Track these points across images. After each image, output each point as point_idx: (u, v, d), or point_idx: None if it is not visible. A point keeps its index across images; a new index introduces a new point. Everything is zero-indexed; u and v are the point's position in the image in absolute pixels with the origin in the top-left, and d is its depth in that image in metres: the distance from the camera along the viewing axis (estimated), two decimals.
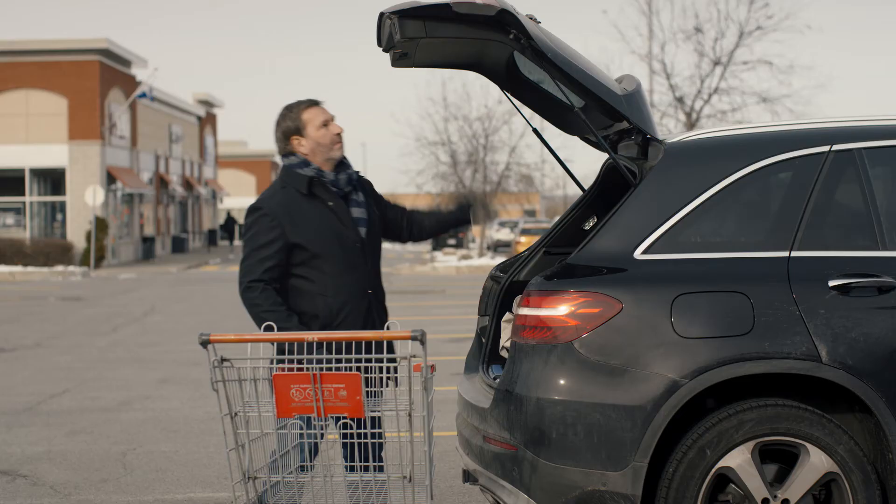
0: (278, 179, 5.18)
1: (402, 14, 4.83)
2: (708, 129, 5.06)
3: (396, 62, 5.33)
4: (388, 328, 4.51)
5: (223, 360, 4.17)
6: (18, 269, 35.62)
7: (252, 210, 5.07)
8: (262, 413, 4.22)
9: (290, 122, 5.15)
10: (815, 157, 4.79)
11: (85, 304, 23.55)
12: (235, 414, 4.22)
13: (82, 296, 26.01)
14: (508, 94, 5.58)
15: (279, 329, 4.63)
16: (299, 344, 4.56)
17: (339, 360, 4.22)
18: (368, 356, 4.20)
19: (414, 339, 4.01)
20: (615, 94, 4.83)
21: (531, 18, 4.89)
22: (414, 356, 4.07)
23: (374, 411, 4.30)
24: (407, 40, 4.86)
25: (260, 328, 4.68)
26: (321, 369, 4.13)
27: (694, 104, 32.93)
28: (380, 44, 5.14)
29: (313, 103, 5.19)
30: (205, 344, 4.12)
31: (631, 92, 4.92)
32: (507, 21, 4.67)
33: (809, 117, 8.76)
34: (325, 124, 5.15)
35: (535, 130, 6.03)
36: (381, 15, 5.01)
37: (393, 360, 4.30)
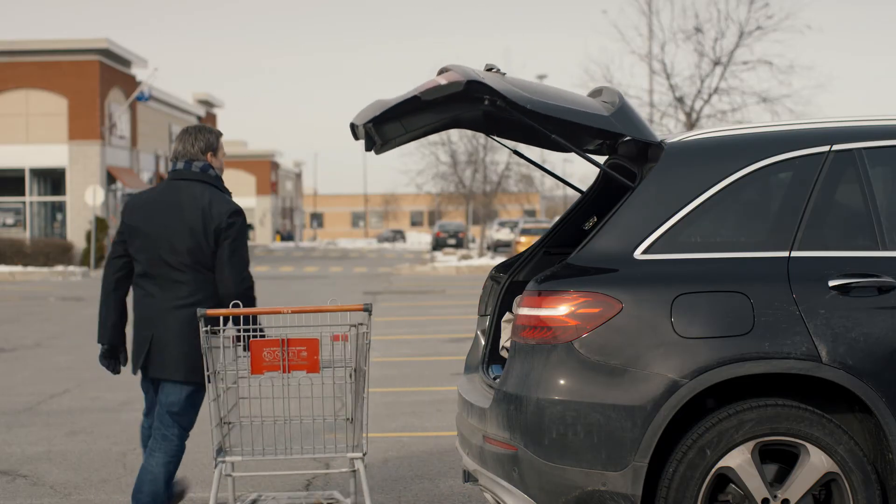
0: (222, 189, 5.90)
1: (377, 121, 4.94)
2: (708, 129, 5.05)
3: (380, 151, 5.41)
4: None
5: (212, 329, 5.34)
6: (18, 269, 35.62)
7: (239, 212, 5.73)
8: (229, 371, 5.45)
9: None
10: (815, 157, 4.79)
11: (85, 304, 23.55)
12: (217, 372, 5.38)
13: (82, 296, 26.01)
14: (494, 138, 5.69)
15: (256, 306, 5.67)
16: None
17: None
18: (322, 325, 5.39)
19: (366, 310, 5.25)
20: (603, 117, 4.83)
21: (496, 72, 4.93)
22: (361, 324, 5.36)
23: (326, 367, 5.37)
24: (390, 140, 5.16)
25: (254, 305, 5.64)
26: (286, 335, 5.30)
27: (694, 104, 32.93)
28: (356, 137, 5.28)
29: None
30: (202, 317, 5.29)
31: (618, 106, 4.91)
32: (476, 90, 4.71)
33: (809, 117, 8.76)
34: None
35: (519, 155, 6.10)
36: (354, 126, 5.15)
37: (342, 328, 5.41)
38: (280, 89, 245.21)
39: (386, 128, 5.08)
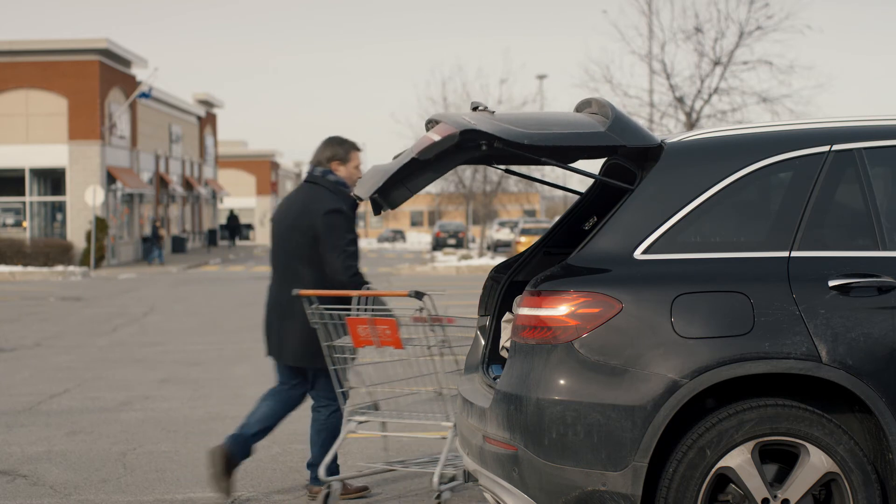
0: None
1: (382, 191, 4.98)
2: (708, 129, 5.05)
3: (390, 209, 5.50)
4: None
5: (316, 306, 6.28)
6: (18, 269, 35.62)
7: (336, 210, 6.54)
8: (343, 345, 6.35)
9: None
10: (815, 157, 4.79)
11: (85, 304, 23.56)
12: (332, 345, 6.33)
13: (82, 296, 26.01)
14: (496, 166, 5.71)
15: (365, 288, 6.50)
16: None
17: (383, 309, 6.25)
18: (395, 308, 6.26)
19: (410, 296, 6.00)
20: (601, 133, 4.79)
21: (483, 110, 4.94)
22: (422, 308, 6.03)
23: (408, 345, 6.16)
24: (397, 202, 5.22)
25: (360, 289, 6.47)
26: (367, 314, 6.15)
27: (694, 104, 32.91)
28: (360, 197, 5.41)
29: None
30: (295, 296, 6.37)
31: (611, 118, 4.87)
32: (472, 138, 4.73)
33: (809, 117, 8.76)
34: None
35: (513, 173, 6.13)
36: (359, 199, 5.40)
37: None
38: (280, 89, 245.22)
39: (392, 195, 5.10)
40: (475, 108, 4.99)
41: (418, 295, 5.97)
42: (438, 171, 5.00)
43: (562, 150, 4.88)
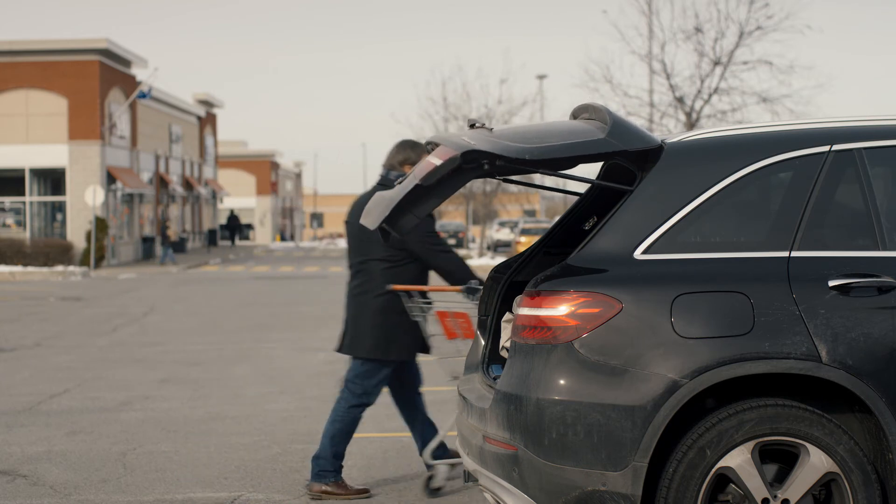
0: None
1: (390, 220, 5.00)
2: (708, 129, 5.05)
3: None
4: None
5: (419, 298, 6.78)
6: (18, 269, 35.62)
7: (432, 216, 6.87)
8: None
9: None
10: (815, 157, 4.79)
11: (85, 304, 23.56)
12: (433, 335, 6.84)
13: (82, 296, 26.01)
14: (498, 178, 5.70)
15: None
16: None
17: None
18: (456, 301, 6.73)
19: (462, 291, 6.65)
20: (602, 140, 4.78)
21: (481, 127, 4.94)
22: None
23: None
24: (409, 230, 5.29)
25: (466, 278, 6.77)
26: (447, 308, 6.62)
27: (694, 104, 32.87)
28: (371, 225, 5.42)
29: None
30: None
31: (610, 123, 4.85)
32: (473, 158, 4.73)
33: (809, 117, 8.75)
34: None
35: (509, 181, 6.10)
36: (365, 228, 5.49)
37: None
38: (280, 89, 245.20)
39: (399, 222, 5.11)
40: (472, 126, 4.99)
41: (470, 291, 6.51)
42: (443, 195, 5.00)
43: (564, 161, 4.87)
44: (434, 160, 4.87)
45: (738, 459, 4.49)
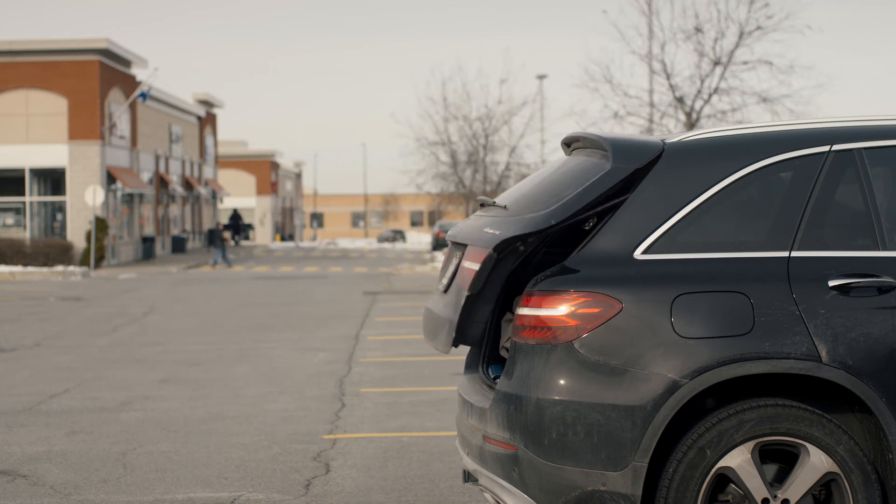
0: None
1: (458, 337, 4.93)
2: (708, 129, 5.04)
3: None
4: None
5: None
6: (18, 269, 35.62)
7: None
8: None
9: None
10: (815, 157, 4.79)
11: (85, 304, 23.56)
12: None
13: (82, 296, 26.01)
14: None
15: None
16: None
17: None
18: None
19: None
20: (610, 170, 4.74)
21: (491, 205, 5.05)
22: None
23: None
24: (479, 337, 5.12)
25: None
26: None
27: (694, 104, 32.89)
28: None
29: None
30: None
31: (610, 147, 4.83)
32: (506, 246, 4.72)
33: (809, 117, 8.75)
34: None
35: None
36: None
37: None
38: (280, 89, 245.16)
39: (468, 334, 5.03)
40: (482, 205, 5.02)
41: None
42: (495, 293, 4.92)
43: (587, 207, 4.80)
44: (471, 266, 4.86)
45: (738, 459, 4.49)
